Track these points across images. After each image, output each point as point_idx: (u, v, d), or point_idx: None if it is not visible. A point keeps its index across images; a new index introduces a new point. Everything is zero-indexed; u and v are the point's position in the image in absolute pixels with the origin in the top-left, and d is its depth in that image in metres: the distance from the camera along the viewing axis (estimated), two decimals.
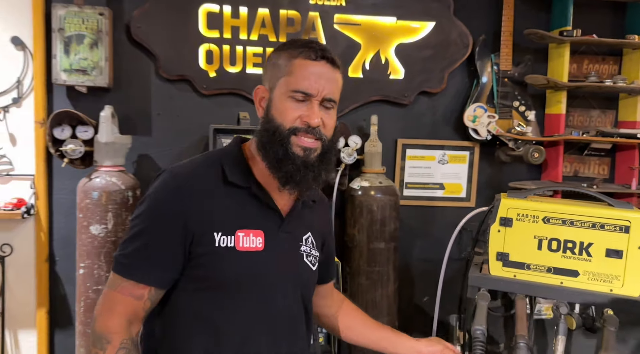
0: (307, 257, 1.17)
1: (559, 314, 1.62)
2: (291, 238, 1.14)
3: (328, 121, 1.08)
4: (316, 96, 1.05)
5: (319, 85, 1.05)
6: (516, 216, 1.70)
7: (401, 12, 2.35)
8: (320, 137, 1.07)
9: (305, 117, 1.05)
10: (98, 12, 2.05)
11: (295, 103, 1.06)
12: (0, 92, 2.12)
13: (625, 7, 2.55)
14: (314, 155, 1.07)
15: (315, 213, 1.25)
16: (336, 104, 1.11)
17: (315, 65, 1.05)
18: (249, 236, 1.07)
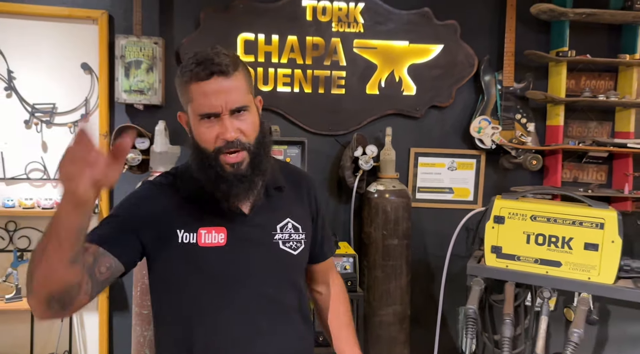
0: (285, 244, 1.19)
1: (542, 297, 1.90)
2: (259, 230, 1.17)
3: (245, 126, 1.08)
4: (222, 113, 1.05)
5: (220, 101, 1.05)
6: (508, 214, 1.99)
7: (413, 36, 2.64)
8: (243, 146, 1.08)
9: (221, 134, 1.06)
10: (153, 41, 2.42)
11: (209, 124, 1.07)
12: (71, 110, 2.48)
13: (621, 29, 2.79)
14: (244, 166, 1.09)
15: (294, 197, 1.26)
16: (248, 108, 1.09)
17: (208, 85, 1.05)
18: (211, 233, 1.12)
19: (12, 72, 2.43)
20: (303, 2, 2.55)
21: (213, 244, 1.12)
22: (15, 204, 2.41)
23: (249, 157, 1.09)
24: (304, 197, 1.29)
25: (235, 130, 1.06)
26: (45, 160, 2.47)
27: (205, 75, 1.04)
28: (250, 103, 1.11)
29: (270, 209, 1.19)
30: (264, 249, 1.16)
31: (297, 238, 1.21)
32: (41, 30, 2.43)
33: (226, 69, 1.05)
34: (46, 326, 2.52)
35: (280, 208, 1.21)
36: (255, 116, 1.12)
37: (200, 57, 1.07)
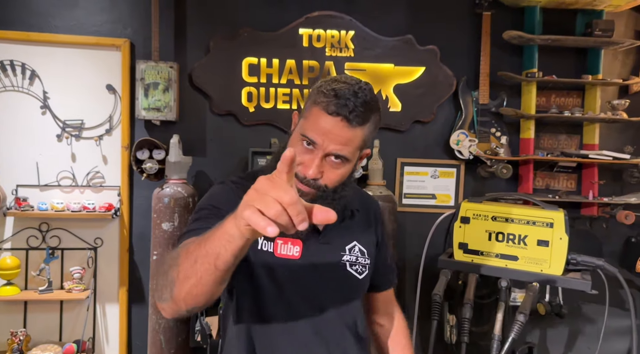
0: (352, 267, 1.17)
1: (501, 286, 2.19)
2: (331, 249, 1.16)
3: (331, 175, 1.06)
4: (320, 148, 1.03)
5: (326, 139, 1.03)
6: (472, 215, 2.30)
7: (398, 60, 2.96)
8: (316, 188, 1.06)
9: (303, 167, 1.05)
10: (169, 65, 2.76)
11: (304, 148, 1.06)
12: (97, 125, 2.82)
13: (587, 52, 3.10)
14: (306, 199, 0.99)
15: (362, 221, 1.25)
16: (347, 160, 1.06)
17: (328, 120, 1.03)
18: (287, 244, 1.11)
19: (46, 93, 2.79)
20: (300, 31, 2.89)
21: (288, 256, 1.11)
22: (48, 207, 2.75)
23: (316, 196, 1.07)
24: (371, 223, 1.29)
25: (318, 172, 1.05)
26: (74, 169, 2.82)
27: (332, 111, 1.02)
28: (352, 158, 1.08)
29: (341, 229, 1.19)
30: (332, 269, 1.16)
31: (363, 262, 1.20)
32: (72, 57, 2.79)
33: (353, 119, 1.03)
34: (73, 315, 2.85)
35: (350, 231, 1.21)
36: (349, 170, 1.10)
37: (342, 90, 1.04)
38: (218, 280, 0.84)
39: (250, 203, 0.71)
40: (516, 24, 2.99)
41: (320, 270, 1.14)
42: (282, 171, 0.72)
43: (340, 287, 1.17)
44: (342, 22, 2.92)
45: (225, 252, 0.79)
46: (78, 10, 2.79)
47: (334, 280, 1.16)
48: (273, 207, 0.68)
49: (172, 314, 0.92)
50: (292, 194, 0.69)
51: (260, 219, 0.68)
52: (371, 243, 1.25)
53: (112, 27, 2.81)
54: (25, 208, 2.71)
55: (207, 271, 0.82)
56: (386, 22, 2.97)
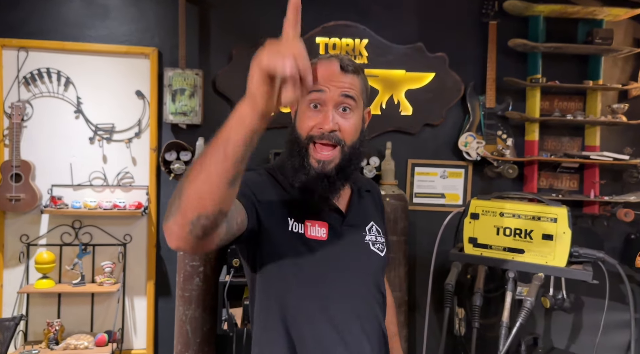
0: (374, 245, 1.21)
1: (508, 277, 2.35)
2: (354, 231, 1.19)
3: (345, 124, 1.09)
4: (328, 99, 1.07)
5: (331, 85, 1.07)
6: (482, 211, 2.45)
7: (409, 66, 3.12)
8: (337, 142, 1.09)
9: (319, 124, 1.08)
10: (195, 72, 2.94)
11: (312, 112, 1.09)
12: (127, 128, 3.00)
13: (588, 58, 3.26)
14: (330, 167, 1.09)
15: (372, 201, 1.32)
16: (355, 105, 1.10)
17: (325, 64, 1.09)
18: (315, 226, 1.13)
19: (80, 98, 2.97)
20: (317, 39, 3.07)
21: (317, 237, 1.13)
22: (81, 206, 2.92)
23: (339, 158, 1.10)
24: (377, 204, 1.34)
25: (334, 123, 1.07)
26: (105, 170, 3.00)
27: (325, 58, 1.13)
28: (359, 104, 1.13)
29: (360, 210, 1.22)
30: (358, 249, 1.19)
31: (381, 241, 1.24)
32: (104, 64, 2.97)
33: (346, 66, 1.10)
34: (104, 307, 3.02)
35: (367, 211, 1.25)
36: (359, 120, 1.13)
37: (325, 55, 1.16)
38: (227, 174, 0.79)
39: (262, 57, 0.73)
40: (521, 33, 3.15)
41: (347, 250, 1.16)
42: (289, 28, 0.77)
43: (368, 265, 1.20)
44: (357, 31, 3.09)
45: (236, 135, 0.78)
46: (109, 21, 2.97)
47: (361, 259, 1.19)
48: (286, 54, 0.72)
49: (177, 237, 0.85)
50: (300, 46, 0.74)
51: (278, 60, 0.71)
52: (382, 223, 1.30)
53: (141, 37, 2.99)
54: (60, 206, 2.89)
55: (217, 162, 0.79)
56: (398, 31, 3.14)
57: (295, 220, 1.13)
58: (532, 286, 2.21)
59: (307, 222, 1.14)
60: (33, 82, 2.92)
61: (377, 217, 1.32)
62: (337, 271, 1.15)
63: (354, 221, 1.22)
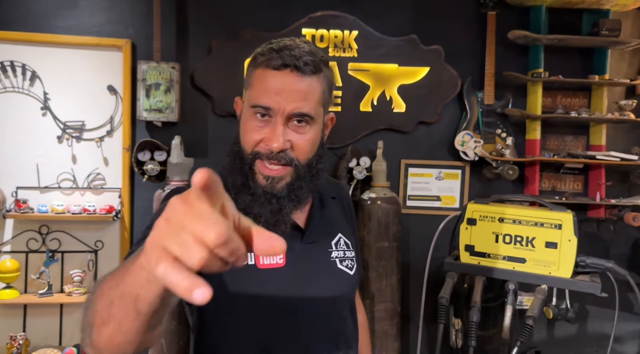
0: (342, 263, 1.05)
1: (508, 289, 2.15)
2: (317, 248, 1.02)
3: (299, 141, 0.92)
4: (278, 113, 0.90)
5: (281, 99, 0.89)
6: (479, 216, 2.25)
7: (402, 60, 2.92)
8: (288, 162, 0.92)
9: (267, 140, 0.91)
10: (171, 66, 2.73)
11: (258, 122, 0.92)
12: (98, 126, 2.79)
13: (593, 51, 3.06)
14: (281, 184, 0.93)
15: (339, 208, 1.14)
16: (312, 120, 0.93)
17: (276, 76, 0.90)
18: None
19: (47, 94, 2.76)
20: (303, 31, 2.87)
21: (272, 265, 0.94)
22: (48, 209, 2.71)
23: (290, 177, 0.94)
24: (346, 210, 1.17)
25: (285, 141, 0.91)
26: (74, 171, 2.79)
27: (277, 64, 0.90)
28: (317, 117, 0.95)
29: (324, 222, 1.05)
30: (323, 270, 1.01)
31: (350, 256, 1.07)
32: (73, 57, 2.76)
33: (303, 66, 0.90)
34: (73, 319, 2.81)
35: (332, 223, 1.08)
36: (317, 134, 0.96)
37: (281, 44, 0.92)
38: (144, 327, 0.63)
39: (160, 243, 0.47)
40: (521, 24, 2.95)
41: (310, 274, 0.98)
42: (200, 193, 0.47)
43: (334, 288, 1.03)
44: (346, 22, 2.89)
45: (147, 294, 0.57)
46: (79, 11, 2.76)
47: (327, 281, 1.01)
48: (195, 251, 0.45)
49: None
50: (219, 225, 0.45)
51: (180, 278, 0.45)
52: (351, 233, 1.13)
53: (113, 28, 2.79)
54: (25, 210, 2.68)
55: (128, 316, 0.62)
56: (390, 22, 2.94)
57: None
58: (535, 300, 2.01)
59: None
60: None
61: (346, 227, 1.14)
62: (297, 303, 0.97)
63: (317, 237, 1.04)
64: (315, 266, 1.01)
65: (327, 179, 1.18)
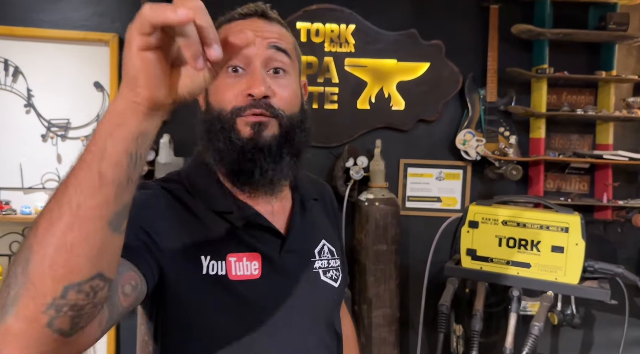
0: (326, 274, 0.94)
1: (512, 296, 2.04)
2: (298, 258, 0.90)
3: (281, 90, 0.83)
4: (254, 57, 0.81)
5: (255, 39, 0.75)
6: (481, 219, 2.14)
7: (401, 55, 2.81)
8: (273, 112, 0.81)
9: (246, 88, 0.80)
10: None
11: (233, 78, 0.82)
12: (84, 125, 2.68)
13: (599, 47, 2.95)
14: (268, 133, 0.81)
15: (322, 210, 1.03)
16: (290, 60, 0.85)
17: (242, 23, 0.85)
18: (242, 260, 0.82)
19: (30, 91, 2.65)
20: (297, 25, 2.75)
21: (246, 276, 0.83)
22: (31, 211, 2.61)
23: (278, 129, 0.83)
24: (329, 212, 1.06)
25: (267, 86, 0.80)
26: (59, 171, 2.68)
27: (242, 14, 0.86)
28: (294, 65, 0.87)
29: (305, 229, 0.94)
30: (304, 283, 0.89)
31: (335, 265, 0.96)
32: (58, 52, 2.65)
33: (269, 12, 0.87)
34: None
35: (315, 228, 0.97)
36: (297, 87, 0.87)
37: (240, 8, 0.88)
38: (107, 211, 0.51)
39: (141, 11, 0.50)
40: (525, 18, 2.83)
41: (289, 287, 0.87)
42: None
43: (316, 303, 0.91)
44: (342, 15, 2.77)
45: (114, 144, 0.50)
46: (63, 4, 2.65)
47: (308, 296, 0.89)
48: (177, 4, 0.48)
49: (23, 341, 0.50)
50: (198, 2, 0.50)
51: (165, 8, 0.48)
52: (335, 238, 1.02)
53: (100, 21, 2.68)
54: (7, 212, 2.57)
55: (87, 193, 0.50)
56: (389, 16, 2.82)
57: (212, 257, 0.81)
58: (541, 308, 1.90)
59: (230, 258, 0.82)
60: None
61: (330, 231, 1.02)
62: (274, 320, 0.85)
63: (298, 245, 0.91)
64: (295, 278, 0.89)
65: (308, 177, 1.08)
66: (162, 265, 0.77)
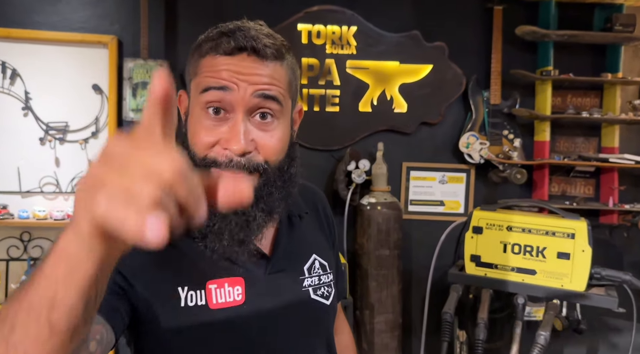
0: (317, 292, 0.88)
1: (517, 303, 1.99)
2: (286, 276, 0.85)
3: (266, 140, 0.75)
4: (236, 102, 0.72)
5: (238, 81, 0.71)
6: (486, 225, 2.10)
7: (403, 57, 2.77)
8: (253, 168, 0.74)
9: (224, 141, 0.73)
10: (159, 63, 2.59)
11: (212, 121, 0.73)
12: (82, 128, 2.65)
13: (605, 48, 2.90)
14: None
15: (313, 224, 0.96)
16: (280, 110, 0.76)
17: (228, 61, 0.73)
18: (223, 287, 0.77)
19: (28, 93, 2.62)
20: (298, 27, 2.71)
21: (228, 304, 0.77)
22: (29, 215, 2.57)
23: (257, 183, 0.75)
24: (322, 222, 0.99)
25: (248, 142, 0.72)
26: (57, 174, 2.64)
27: (229, 48, 0.72)
28: (286, 109, 0.78)
29: (294, 244, 0.88)
30: (293, 304, 0.84)
31: (327, 281, 0.90)
32: (56, 55, 2.62)
33: (262, 49, 0.73)
34: None
35: (304, 242, 0.91)
36: (286, 131, 0.79)
37: (232, 27, 0.75)
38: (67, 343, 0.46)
39: (100, 184, 0.36)
40: (529, 19, 2.80)
41: (276, 311, 0.81)
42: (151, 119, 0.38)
43: (307, 325, 0.85)
44: (344, 17, 2.73)
45: (66, 290, 0.43)
46: (62, 5, 2.62)
47: (297, 318, 0.84)
48: (145, 186, 0.35)
49: None
50: (173, 157, 0.36)
51: (128, 213, 0.34)
52: (328, 251, 0.95)
53: (99, 23, 2.64)
54: (4, 216, 2.54)
55: (37, 338, 0.45)
56: (391, 17, 2.79)
57: (190, 287, 0.75)
58: (547, 317, 1.86)
59: (209, 285, 0.76)
60: None
61: (323, 244, 0.96)
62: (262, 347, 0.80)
63: (285, 264, 0.85)
64: (282, 301, 0.82)
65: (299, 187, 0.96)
66: (137, 305, 0.73)
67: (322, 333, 0.91)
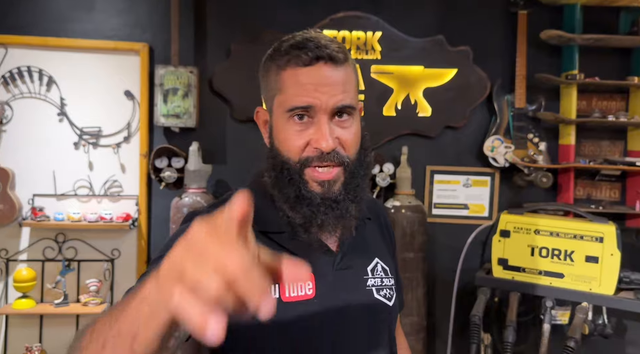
0: (380, 292, 0.92)
1: (546, 307, 2.01)
2: (352, 274, 0.90)
3: (346, 136, 0.84)
4: (320, 110, 0.82)
5: (320, 95, 0.81)
6: (513, 228, 2.12)
7: (427, 62, 2.80)
8: (340, 161, 0.84)
9: (314, 142, 0.82)
10: (189, 70, 2.66)
11: (299, 126, 0.83)
12: (115, 132, 2.73)
13: (631, 52, 2.89)
14: (337, 187, 0.84)
15: (377, 229, 1.02)
16: (354, 109, 0.86)
17: (310, 72, 0.81)
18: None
19: (63, 99, 2.71)
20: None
21: (300, 297, 0.83)
22: (64, 218, 2.66)
23: (344, 176, 0.85)
24: (383, 231, 1.04)
25: (334, 139, 0.82)
26: (91, 178, 2.73)
27: (308, 59, 0.81)
28: (357, 107, 0.88)
29: (359, 246, 0.93)
30: (359, 301, 0.89)
31: (389, 284, 0.95)
32: (90, 62, 2.71)
33: (336, 55, 0.82)
34: None
35: (368, 245, 0.96)
36: (359, 125, 0.89)
37: (300, 39, 0.83)
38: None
39: (178, 268, 0.43)
40: (554, 23, 2.80)
41: (343, 306, 0.86)
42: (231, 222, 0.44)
43: (372, 322, 0.90)
44: (369, 22, 2.77)
45: (146, 331, 0.50)
46: (95, 14, 2.70)
47: (363, 315, 0.88)
48: (213, 281, 0.40)
49: None
50: (241, 255, 0.41)
51: (196, 311, 0.40)
52: (389, 257, 1.00)
53: (131, 31, 2.72)
54: (41, 218, 2.63)
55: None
56: (415, 22, 2.82)
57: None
58: (576, 320, 1.87)
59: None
60: (12, 82, 2.67)
61: (384, 250, 1.01)
62: (330, 341, 0.85)
63: (351, 262, 0.90)
64: (349, 297, 0.88)
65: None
66: None
67: (384, 332, 0.94)
